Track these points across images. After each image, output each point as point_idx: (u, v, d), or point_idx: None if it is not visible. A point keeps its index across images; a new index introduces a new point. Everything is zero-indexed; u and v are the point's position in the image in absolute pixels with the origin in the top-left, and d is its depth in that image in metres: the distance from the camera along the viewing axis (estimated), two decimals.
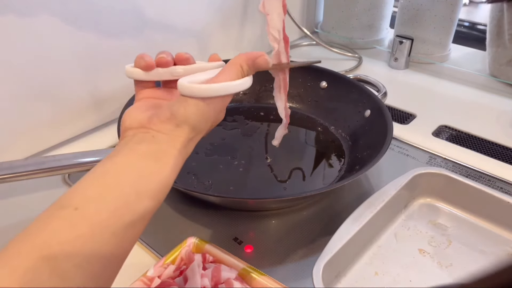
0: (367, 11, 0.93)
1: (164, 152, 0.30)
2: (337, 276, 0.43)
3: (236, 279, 0.38)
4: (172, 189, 0.54)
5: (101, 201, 0.26)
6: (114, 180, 0.28)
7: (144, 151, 0.29)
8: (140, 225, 0.28)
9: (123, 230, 0.26)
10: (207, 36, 0.79)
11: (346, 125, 0.65)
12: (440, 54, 0.89)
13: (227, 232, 0.49)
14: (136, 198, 0.27)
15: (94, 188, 0.27)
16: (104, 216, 0.26)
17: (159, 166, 0.29)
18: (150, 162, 0.29)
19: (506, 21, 0.77)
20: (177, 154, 0.30)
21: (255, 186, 0.55)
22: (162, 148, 0.30)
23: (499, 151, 0.64)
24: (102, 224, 0.25)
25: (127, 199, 0.27)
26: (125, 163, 0.29)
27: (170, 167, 0.30)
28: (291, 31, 0.98)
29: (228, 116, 0.68)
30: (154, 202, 0.29)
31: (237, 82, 0.33)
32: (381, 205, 0.46)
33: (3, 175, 0.45)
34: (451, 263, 0.45)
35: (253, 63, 0.35)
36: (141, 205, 0.28)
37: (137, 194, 0.28)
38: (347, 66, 0.89)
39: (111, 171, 0.28)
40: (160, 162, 0.29)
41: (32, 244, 0.24)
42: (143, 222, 0.28)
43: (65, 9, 0.55)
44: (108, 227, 0.26)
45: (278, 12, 0.41)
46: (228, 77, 0.33)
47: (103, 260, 0.25)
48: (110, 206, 0.26)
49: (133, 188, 0.28)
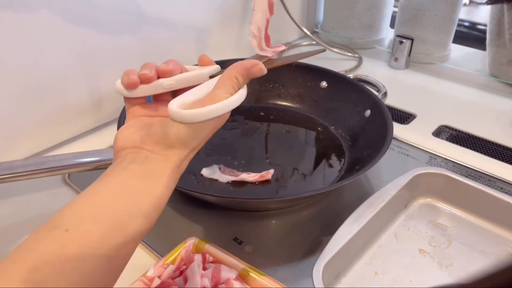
0: (367, 11, 0.93)
1: (157, 172, 0.29)
2: (337, 276, 0.43)
3: (236, 279, 0.38)
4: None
5: (93, 221, 0.26)
6: (106, 200, 0.27)
7: (137, 171, 0.29)
8: (131, 245, 0.28)
9: (114, 250, 0.26)
10: (207, 36, 0.79)
11: (346, 125, 0.65)
12: (440, 54, 0.89)
13: (227, 232, 0.49)
14: (128, 218, 0.27)
15: (85, 209, 0.27)
16: (95, 237, 0.25)
17: (152, 186, 0.29)
18: (142, 182, 0.29)
19: (506, 21, 0.77)
20: (170, 173, 0.30)
21: (255, 186, 0.55)
22: (154, 168, 0.29)
23: (499, 151, 0.64)
24: (93, 245, 0.25)
25: (119, 219, 0.27)
26: (117, 183, 0.28)
27: (163, 187, 0.29)
28: (291, 31, 0.98)
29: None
30: (146, 223, 0.28)
31: (231, 99, 0.31)
32: (381, 205, 0.46)
33: (3, 175, 0.45)
34: (451, 263, 0.45)
35: (248, 74, 0.33)
36: (133, 226, 0.27)
37: (129, 214, 0.27)
38: (347, 66, 0.89)
39: (103, 191, 0.28)
40: (153, 182, 0.29)
41: (20, 265, 0.23)
42: (135, 242, 0.28)
43: (64, 8, 0.55)
44: (99, 248, 0.25)
45: (263, 10, 0.42)
46: (223, 93, 0.31)
47: (94, 281, 0.25)
48: (101, 227, 0.26)
49: (125, 208, 0.27)
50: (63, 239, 0.25)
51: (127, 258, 0.28)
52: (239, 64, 0.33)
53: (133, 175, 0.29)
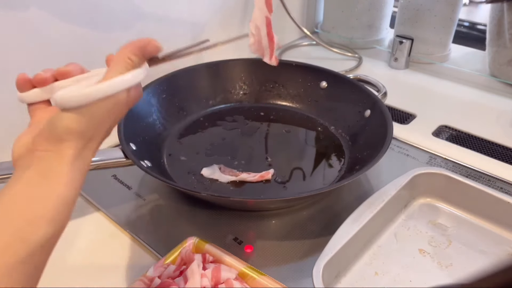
0: (367, 11, 0.93)
1: (54, 171, 0.27)
2: (337, 276, 0.43)
3: (236, 279, 0.38)
4: (172, 189, 0.54)
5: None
6: (0, 215, 0.26)
7: (31, 175, 0.27)
8: (41, 255, 0.26)
9: (21, 264, 0.25)
10: (207, 36, 0.79)
11: (346, 125, 0.65)
12: (440, 54, 0.89)
13: (227, 232, 0.49)
14: (29, 227, 0.25)
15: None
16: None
17: (50, 186, 0.27)
18: (38, 186, 0.27)
19: (506, 21, 0.77)
20: (69, 169, 0.28)
21: (255, 186, 0.55)
22: (49, 167, 0.27)
23: (499, 151, 0.64)
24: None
25: (18, 231, 0.25)
26: (11, 195, 0.27)
27: (64, 184, 0.27)
28: (291, 31, 0.98)
29: (228, 116, 0.68)
30: (54, 226, 0.26)
31: (120, 78, 0.29)
32: (381, 205, 0.46)
33: (3, 175, 0.45)
34: (451, 263, 0.45)
35: (143, 52, 0.31)
36: (38, 233, 0.26)
37: (29, 222, 0.26)
38: (347, 66, 0.89)
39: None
40: (51, 183, 0.27)
41: None
42: (44, 251, 0.26)
43: (63, 6, 0.55)
44: (3, 266, 0.24)
45: (260, 7, 0.41)
46: (114, 74, 0.29)
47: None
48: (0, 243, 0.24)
49: (23, 218, 0.26)
50: None
51: (40, 268, 0.27)
52: (131, 43, 0.31)
53: (27, 182, 0.27)
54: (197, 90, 0.69)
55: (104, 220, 0.51)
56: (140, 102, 0.60)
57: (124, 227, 0.49)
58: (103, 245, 0.48)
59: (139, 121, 0.59)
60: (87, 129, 0.28)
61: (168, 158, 0.59)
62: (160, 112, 0.63)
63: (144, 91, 0.60)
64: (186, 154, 0.60)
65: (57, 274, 0.43)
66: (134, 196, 0.54)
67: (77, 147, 0.28)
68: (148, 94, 0.62)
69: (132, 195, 0.54)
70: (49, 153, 0.28)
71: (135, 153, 0.50)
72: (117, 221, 0.50)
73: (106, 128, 0.30)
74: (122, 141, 0.50)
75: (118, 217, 0.51)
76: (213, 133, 0.65)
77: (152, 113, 0.62)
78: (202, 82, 0.69)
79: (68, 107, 0.27)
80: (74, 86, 0.29)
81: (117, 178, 0.57)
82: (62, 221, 0.27)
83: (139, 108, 0.60)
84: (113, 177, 0.57)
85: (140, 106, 0.60)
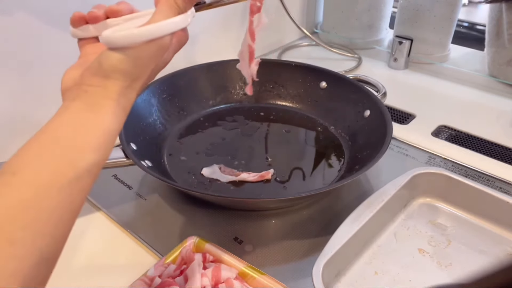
0: (367, 11, 0.93)
1: (100, 104, 0.29)
2: (337, 275, 0.43)
3: (236, 279, 0.38)
4: (172, 189, 0.55)
5: (39, 162, 0.26)
6: (50, 139, 0.27)
7: (79, 106, 0.29)
8: (87, 179, 0.27)
9: (68, 186, 0.26)
10: (207, 36, 0.79)
11: (346, 125, 0.65)
12: (439, 54, 0.89)
13: (227, 231, 0.49)
14: (76, 152, 0.27)
15: (31, 150, 0.27)
16: (45, 176, 0.25)
17: (97, 117, 0.29)
18: (86, 115, 0.28)
19: (505, 21, 0.77)
20: (115, 104, 0.29)
21: (255, 186, 0.55)
22: (96, 100, 0.29)
23: (499, 151, 0.64)
24: (44, 184, 0.25)
25: (66, 155, 0.27)
26: (61, 122, 0.28)
27: (110, 117, 0.29)
28: (291, 31, 0.98)
29: (228, 116, 0.69)
30: (98, 155, 0.28)
31: (167, 21, 0.30)
32: (380, 205, 0.46)
33: None
34: (450, 262, 0.45)
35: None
36: (84, 159, 0.27)
37: (77, 148, 0.27)
38: (347, 66, 0.89)
39: (47, 131, 0.28)
40: (97, 114, 0.29)
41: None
42: (90, 176, 0.28)
43: (64, 7, 0.55)
44: (52, 186, 0.25)
45: (247, 35, 0.42)
46: (161, 18, 0.30)
47: (52, 218, 0.25)
48: (49, 166, 0.26)
49: (71, 143, 0.27)
50: (12, 183, 0.25)
51: (85, 193, 0.28)
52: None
53: (75, 111, 0.29)
54: (197, 90, 0.69)
55: (104, 220, 0.51)
56: (141, 103, 0.60)
57: (125, 227, 0.49)
58: (104, 245, 0.48)
59: (140, 121, 0.59)
60: (131, 69, 0.30)
61: (168, 158, 0.59)
62: (160, 112, 0.63)
63: (144, 91, 0.61)
64: (186, 154, 0.60)
65: (57, 274, 0.43)
66: (134, 196, 0.54)
67: (122, 85, 0.30)
68: (149, 94, 0.62)
69: (132, 195, 0.54)
70: (95, 88, 0.29)
71: (135, 153, 0.50)
72: (117, 221, 0.50)
73: (150, 70, 0.32)
74: (122, 141, 0.50)
75: (119, 217, 0.51)
76: (213, 133, 0.65)
77: (153, 113, 0.62)
78: (202, 82, 0.69)
79: (114, 47, 0.29)
80: (121, 26, 0.31)
81: (117, 178, 0.57)
82: (106, 151, 0.29)
83: (140, 108, 0.60)
84: (113, 177, 0.57)
85: (141, 106, 0.60)
